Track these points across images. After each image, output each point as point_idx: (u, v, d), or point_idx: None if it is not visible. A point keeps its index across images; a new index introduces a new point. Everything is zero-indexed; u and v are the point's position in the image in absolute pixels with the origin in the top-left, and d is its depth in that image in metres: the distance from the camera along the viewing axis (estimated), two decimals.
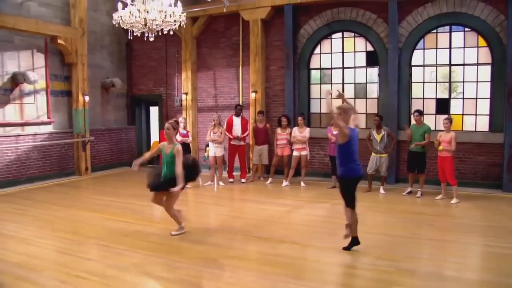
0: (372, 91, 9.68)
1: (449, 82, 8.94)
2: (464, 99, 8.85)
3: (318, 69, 10.16)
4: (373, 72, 9.62)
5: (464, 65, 8.74)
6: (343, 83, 9.75)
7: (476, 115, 8.73)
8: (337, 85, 9.66)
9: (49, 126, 9.98)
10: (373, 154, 8.36)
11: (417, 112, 8.01)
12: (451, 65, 8.84)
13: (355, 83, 9.73)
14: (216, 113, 10.14)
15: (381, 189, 8.37)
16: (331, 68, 9.98)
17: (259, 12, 10.09)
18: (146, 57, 12.15)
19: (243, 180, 9.61)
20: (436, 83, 9.12)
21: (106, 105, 11.78)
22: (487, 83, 8.58)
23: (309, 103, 10.19)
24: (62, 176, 10.13)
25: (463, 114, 8.85)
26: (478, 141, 8.56)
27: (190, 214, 6.71)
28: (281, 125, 9.34)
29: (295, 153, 9.16)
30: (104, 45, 11.61)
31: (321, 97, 10.03)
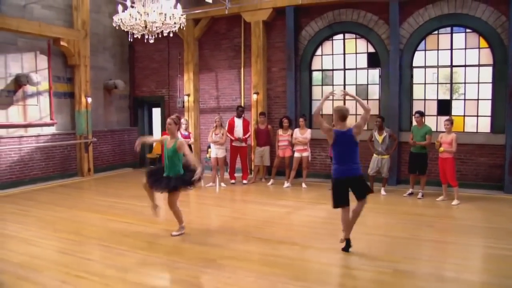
0: (374, 92, 9.69)
1: (451, 84, 8.94)
2: (465, 100, 8.83)
3: (319, 70, 10.18)
4: (374, 74, 9.62)
5: (466, 66, 8.73)
6: (344, 85, 9.76)
7: (477, 116, 8.72)
8: (338, 86, 9.66)
9: (52, 128, 10.05)
10: (374, 155, 8.36)
11: (417, 113, 8.01)
12: (452, 66, 8.84)
13: (356, 84, 9.74)
14: (218, 114, 10.17)
15: (382, 191, 8.36)
16: (333, 70, 10.00)
17: (261, 14, 10.13)
18: (149, 58, 12.21)
19: (244, 182, 9.63)
20: (438, 84, 9.12)
21: (108, 106, 11.84)
22: (488, 84, 8.57)
23: (310, 105, 10.20)
24: (64, 177, 10.19)
25: (464, 116, 8.83)
26: (480, 142, 8.55)
27: (191, 215, 6.75)
28: (282, 127, 9.36)
29: (296, 154, 9.17)
30: (106, 47, 11.68)
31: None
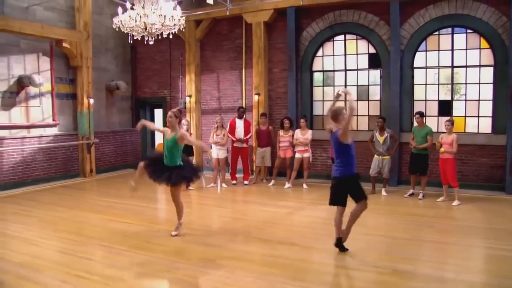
0: (375, 93, 9.69)
1: (452, 84, 8.93)
2: (466, 101, 8.82)
3: (320, 71, 10.19)
4: (375, 74, 9.62)
5: (467, 67, 8.72)
6: (345, 85, 9.76)
7: (478, 117, 8.70)
8: (339, 87, 9.66)
9: (54, 129, 10.10)
10: (375, 156, 8.36)
11: (418, 114, 8.00)
12: (453, 67, 8.83)
13: (357, 85, 9.75)
14: (219, 115, 10.20)
15: (383, 191, 8.36)
16: (334, 71, 10.01)
17: (262, 15, 10.15)
18: (151, 60, 12.25)
19: (245, 182, 9.65)
20: (438, 85, 9.10)
21: (110, 107, 11.89)
22: (489, 85, 8.55)
23: (311, 105, 10.21)
24: (67, 178, 10.24)
25: (465, 116, 8.82)
26: (481, 143, 8.53)
27: (192, 216, 6.77)
28: (283, 127, 9.37)
29: (297, 155, 9.18)
30: (108, 48, 11.73)
31: (323, 100, 10.07)
